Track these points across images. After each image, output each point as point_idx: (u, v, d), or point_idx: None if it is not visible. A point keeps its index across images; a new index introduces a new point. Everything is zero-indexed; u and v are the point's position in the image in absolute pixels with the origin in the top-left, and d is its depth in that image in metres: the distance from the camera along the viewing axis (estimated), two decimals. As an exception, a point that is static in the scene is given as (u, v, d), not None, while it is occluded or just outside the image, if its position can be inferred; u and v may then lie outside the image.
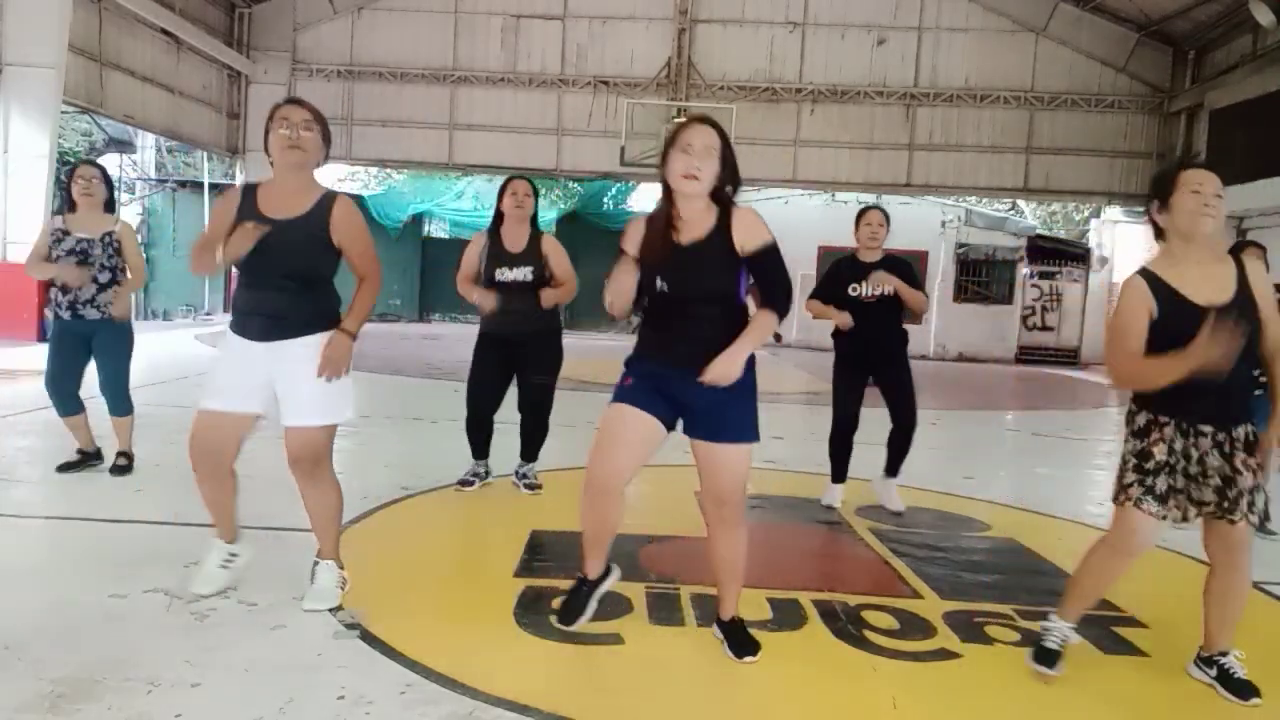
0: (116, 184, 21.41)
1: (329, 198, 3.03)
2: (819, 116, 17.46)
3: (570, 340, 5.01)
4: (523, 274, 4.57)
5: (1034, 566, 4.10)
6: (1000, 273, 20.05)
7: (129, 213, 19.00)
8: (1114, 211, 19.48)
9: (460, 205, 22.87)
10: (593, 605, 2.99)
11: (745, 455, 2.83)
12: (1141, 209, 18.20)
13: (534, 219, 4.71)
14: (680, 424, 2.85)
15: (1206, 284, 2.68)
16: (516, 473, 4.97)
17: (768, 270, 2.74)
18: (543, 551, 3.87)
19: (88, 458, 4.82)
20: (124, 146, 19.74)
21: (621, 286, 2.79)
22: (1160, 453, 2.70)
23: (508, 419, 4.92)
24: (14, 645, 2.64)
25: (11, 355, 10.08)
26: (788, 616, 3.26)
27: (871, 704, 2.64)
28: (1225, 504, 2.69)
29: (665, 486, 5.15)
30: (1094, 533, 4.86)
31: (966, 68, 17.28)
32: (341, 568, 3.16)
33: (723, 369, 2.65)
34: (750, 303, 2.86)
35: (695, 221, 2.76)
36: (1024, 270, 20.10)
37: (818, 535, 4.49)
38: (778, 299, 2.73)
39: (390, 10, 17.77)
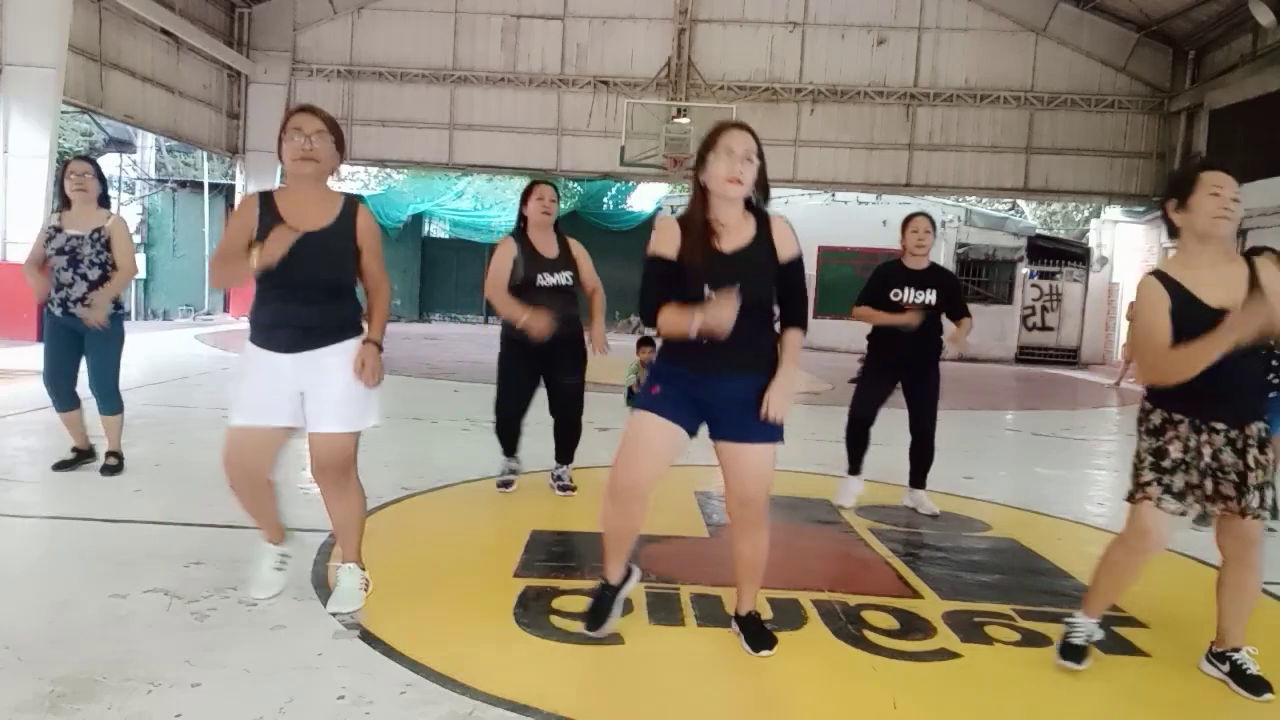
0: (116, 184, 21.27)
1: (352, 204, 3.02)
2: (819, 116, 17.46)
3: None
4: (564, 278, 4.56)
5: (1034, 566, 4.10)
6: (1000, 273, 20.05)
7: (129, 212, 19.00)
8: (1114, 211, 19.48)
9: (460, 205, 22.89)
10: (618, 609, 2.99)
11: (770, 456, 2.85)
12: (1142, 209, 18.22)
13: (556, 223, 4.71)
14: (705, 428, 2.86)
15: (1220, 286, 2.70)
16: (552, 474, 4.96)
17: (796, 283, 2.82)
18: (543, 551, 3.87)
19: (82, 456, 4.81)
20: (124, 146, 19.74)
21: (679, 326, 2.68)
22: (1176, 450, 2.74)
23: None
24: (14, 645, 2.64)
25: (11, 355, 10.08)
26: (788, 616, 3.25)
27: (871, 704, 2.64)
28: (1239, 500, 2.72)
29: (665, 486, 5.12)
30: (1093, 532, 4.88)
31: (966, 68, 17.27)
32: (364, 569, 3.15)
33: (780, 402, 2.73)
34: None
35: (735, 228, 2.77)
36: (1024, 270, 20.10)
37: (818, 535, 4.49)
38: (802, 315, 2.83)
39: (390, 10, 17.76)
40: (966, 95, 17.25)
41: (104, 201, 4.74)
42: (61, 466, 4.73)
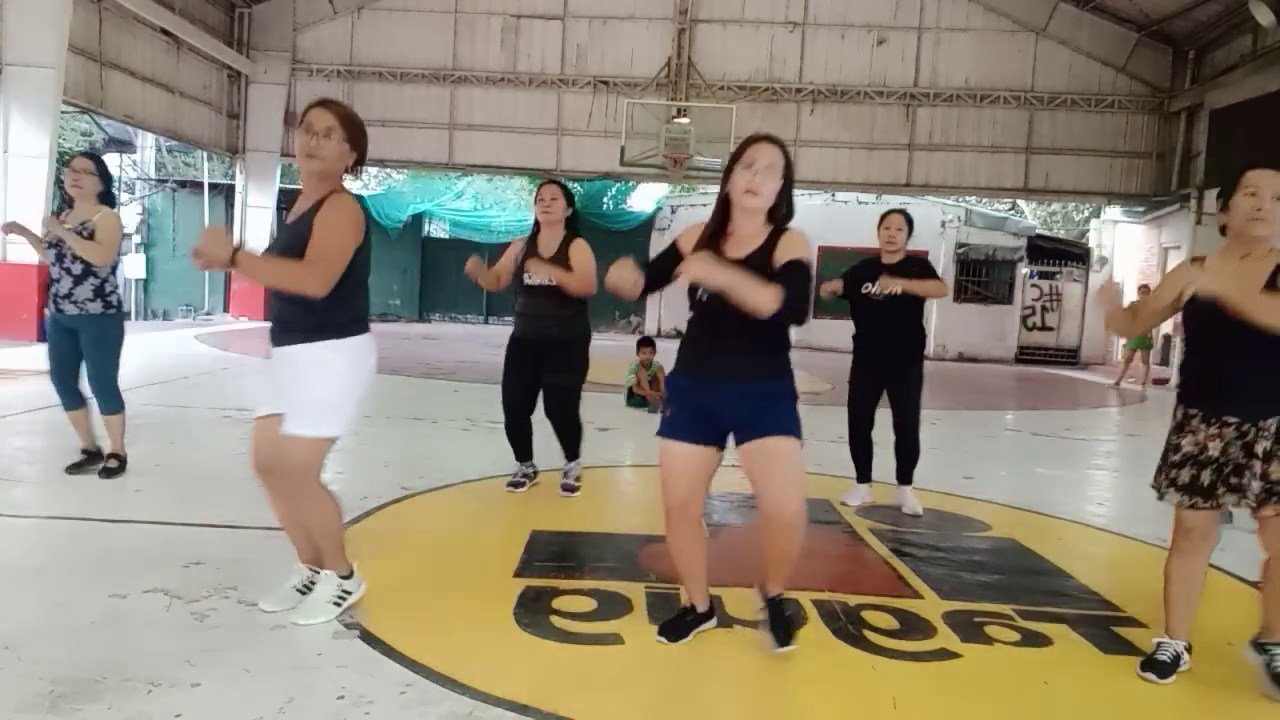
0: (116, 184, 21.31)
1: (328, 196, 2.85)
2: (819, 116, 17.46)
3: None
4: (539, 278, 4.55)
5: (1034, 566, 4.10)
6: (1000, 273, 20.05)
7: (129, 212, 18.99)
8: (1114, 211, 19.48)
9: (460, 205, 22.88)
10: (692, 635, 2.98)
11: (792, 450, 2.77)
12: (1141, 209, 18.22)
13: (571, 222, 4.68)
14: (731, 438, 2.84)
15: (1236, 279, 2.70)
16: (562, 472, 4.95)
17: (786, 280, 2.64)
18: (543, 551, 3.87)
19: (91, 457, 4.76)
20: (124, 146, 19.73)
21: (625, 277, 2.71)
22: (1188, 444, 2.80)
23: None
24: (14, 645, 2.64)
25: (11, 355, 10.07)
26: (788, 616, 3.25)
27: (871, 704, 2.64)
28: (1261, 495, 2.71)
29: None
30: (1093, 532, 4.89)
31: (966, 68, 17.27)
32: (346, 576, 3.05)
33: (699, 264, 2.60)
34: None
35: (747, 237, 2.79)
36: (1024, 270, 20.10)
37: (818, 535, 4.48)
38: (787, 295, 2.60)
39: (390, 10, 17.76)
40: (966, 95, 17.25)
41: (106, 199, 4.67)
42: (74, 469, 4.68)
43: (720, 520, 4.59)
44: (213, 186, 20.26)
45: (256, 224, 18.48)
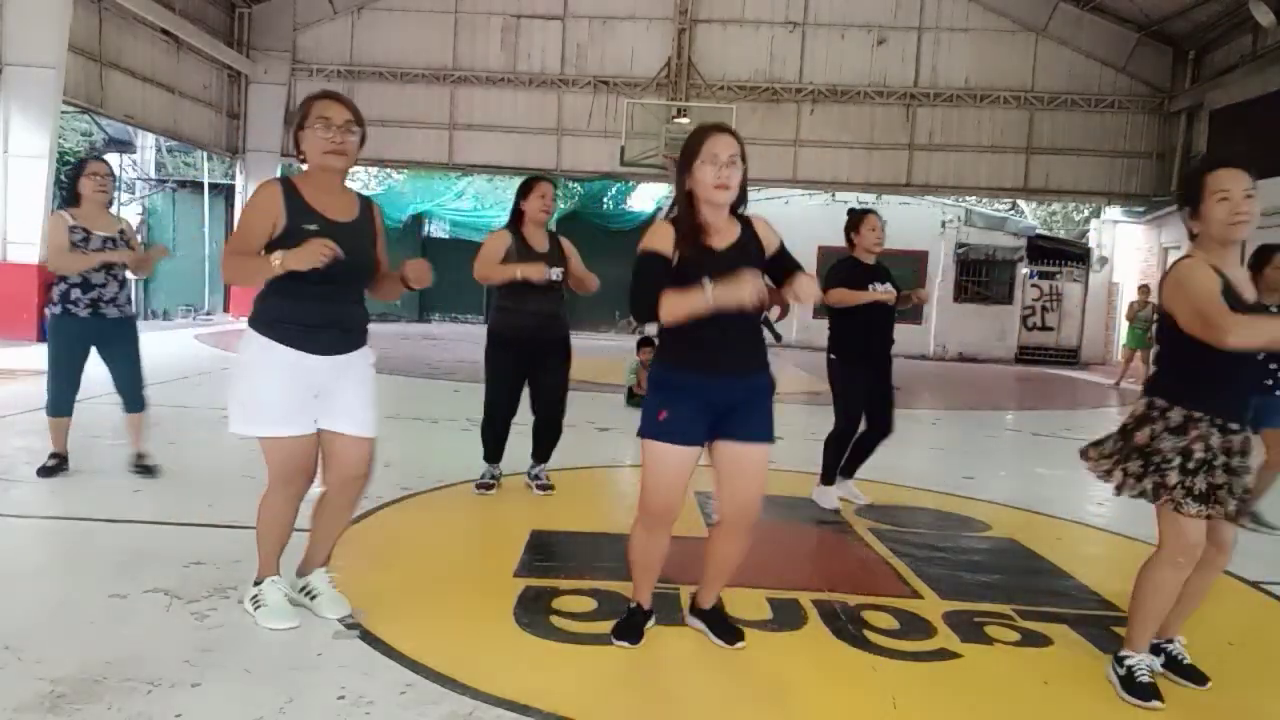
0: (117, 184, 21.34)
1: (367, 201, 2.99)
2: (819, 116, 17.46)
3: (573, 341, 5.00)
4: (555, 273, 4.55)
5: (1034, 566, 4.10)
6: (1000, 273, 20.06)
7: (129, 212, 19.00)
8: (1114, 211, 19.47)
9: (460, 205, 22.85)
10: (645, 633, 3.00)
11: (767, 456, 2.88)
12: (1141, 209, 18.20)
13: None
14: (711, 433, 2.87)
15: (1244, 285, 2.68)
16: (529, 473, 4.94)
17: (789, 257, 2.88)
18: (543, 551, 3.87)
19: (62, 461, 4.76)
20: (124, 146, 19.71)
21: (688, 304, 2.65)
22: (1199, 450, 2.62)
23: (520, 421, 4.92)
24: (14, 645, 2.64)
25: (11, 355, 10.07)
26: (788, 616, 3.26)
27: (871, 704, 2.64)
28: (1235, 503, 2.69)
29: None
30: (1093, 532, 4.89)
31: (966, 68, 17.28)
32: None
33: (809, 284, 2.72)
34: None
35: (723, 229, 2.79)
36: (1024, 270, 20.10)
37: (818, 535, 4.49)
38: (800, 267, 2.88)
39: (390, 10, 17.76)
40: (966, 95, 17.25)
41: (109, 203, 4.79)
42: (48, 473, 4.65)
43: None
44: (213, 187, 20.25)
45: (256, 224, 18.46)
